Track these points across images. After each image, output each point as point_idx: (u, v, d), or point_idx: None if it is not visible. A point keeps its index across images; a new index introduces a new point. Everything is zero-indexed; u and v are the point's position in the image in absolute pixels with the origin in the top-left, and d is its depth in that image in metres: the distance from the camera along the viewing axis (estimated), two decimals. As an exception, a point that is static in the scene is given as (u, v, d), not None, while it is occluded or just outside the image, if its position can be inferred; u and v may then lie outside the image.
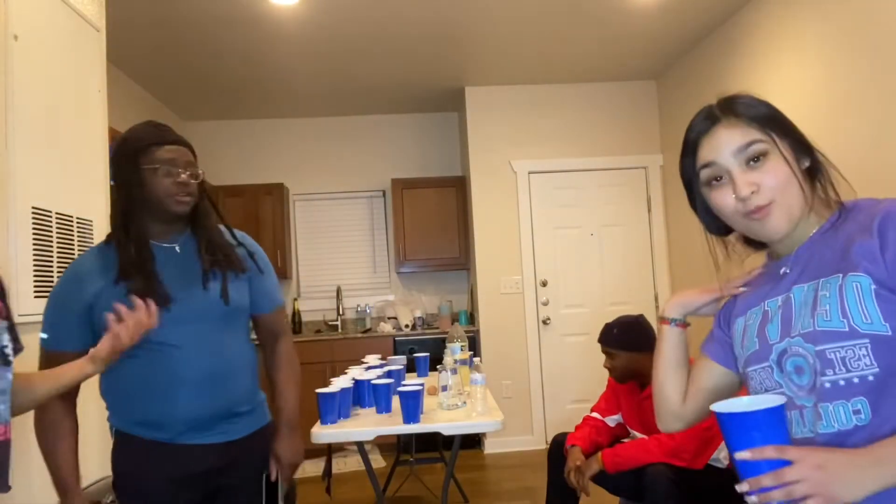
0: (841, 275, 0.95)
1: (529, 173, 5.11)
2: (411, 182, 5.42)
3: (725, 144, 1.02)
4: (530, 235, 5.08)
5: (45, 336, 1.51)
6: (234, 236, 1.70)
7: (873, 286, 0.91)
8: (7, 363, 1.19)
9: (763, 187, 0.99)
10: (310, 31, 3.92)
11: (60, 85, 2.29)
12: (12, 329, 1.23)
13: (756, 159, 1.00)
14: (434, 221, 5.37)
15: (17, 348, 1.24)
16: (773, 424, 0.86)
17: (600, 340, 2.58)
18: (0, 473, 1.18)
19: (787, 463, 0.84)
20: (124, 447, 1.57)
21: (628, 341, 2.50)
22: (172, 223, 1.59)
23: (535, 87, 5.15)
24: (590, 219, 5.15)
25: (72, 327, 1.51)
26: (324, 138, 5.70)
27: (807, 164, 1.03)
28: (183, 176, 1.53)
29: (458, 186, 5.42)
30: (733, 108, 1.03)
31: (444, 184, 5.42)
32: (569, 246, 5.12)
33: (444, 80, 4.96)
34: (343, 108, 5.50)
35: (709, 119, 1.05)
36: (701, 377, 1.20)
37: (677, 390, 1.21)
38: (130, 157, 1.52)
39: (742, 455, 0.86)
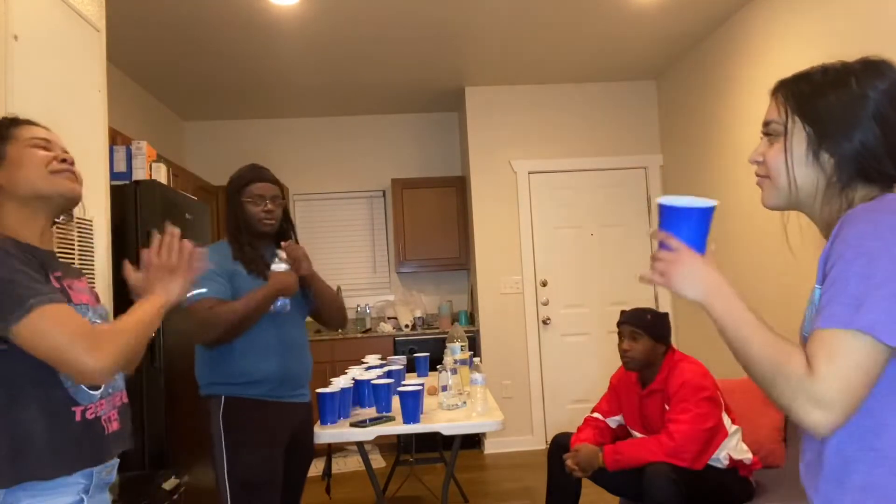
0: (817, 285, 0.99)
1: (529, 173, 5.11)
2: (411, 182, 5.42)
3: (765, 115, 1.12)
4: (530, 235, 5.08)
5: (204, 290, 2.03)
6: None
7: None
8: None
9: (766, 161, 1.07)
10: (310, 31, 3.92)
11: (60, 85, 2.29)
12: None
13: (769, 135, 1.08)
14: (434, 221, 5.37)
15: None
16: (692, 223, 1.05)
17: (628, 321, 2.54)
18: (125, 433, 1.38)
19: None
20: (235, 409, 2.08)
21: (658, 329, 2.51)
22: (263, 238, 2.22)
23: (535, 87, 5.14)
24: (590, 219, 5.14)
25: (223, 282, 2.09)
26: (324, 138, 5.70)
27: (831, 159, 1.00)
28: (269, 204, 2.17)
29: (458, 186, 5.42)
30: (779, 87, 1.10)
31: (444, 184, 5.42)
32: (569, 246, 5.12)
33: (444, 80, 4.96)
34: (343, 108, 5.50)
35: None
36: None
37: None
38: (236, 191, 2.20)
39: (651, 233, 1.09)
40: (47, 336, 1.15)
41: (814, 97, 1.02)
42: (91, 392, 1.28)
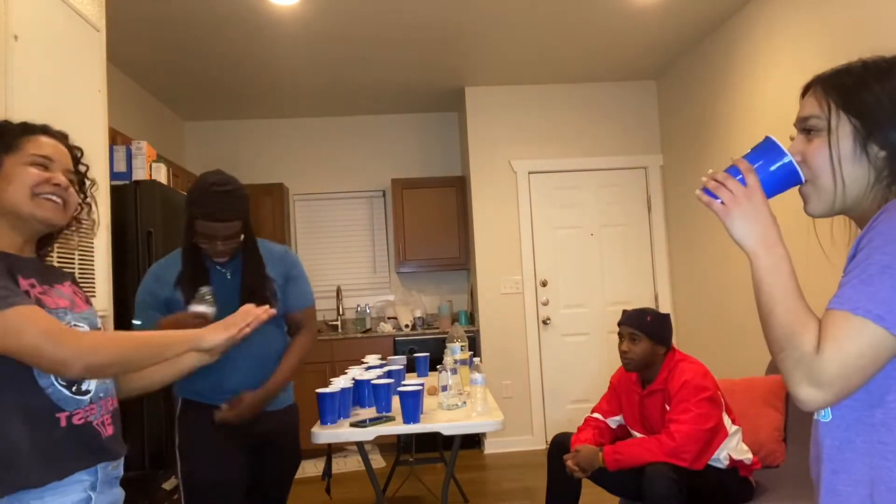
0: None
1: (529, 173, 5.11)
2: (411, 182, 5.42)
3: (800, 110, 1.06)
4: (530, 235, 5.08)
5: (138, 322, 2.00)
6: (265, 270, 2.13)
7: None
8: None
9: (805, 160, 1.02)
10: (310, 31, 3.92)
11: (60, 85, 2.28)
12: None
13: (808, 131, 1.03)
14: (434, 221, 5.37)
15: None
16: (780, 173, 1.01)
17: (627, 322, 2.53)
18: (119, 437, 1.39)
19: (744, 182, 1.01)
20: (189, 411, 2.08)
21: (657, 331, 2.51)
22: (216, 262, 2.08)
23: (535, 87, 5.14)
24: (590, 219, 5.14)
25: (156, 315, 2.02)
26: (324, 138, 5.70)
27: (881, 152, 0.97)
28: (219, 245, 1.99)
29: (458, 186, 5.42)
30: (817, 82, 1.05)
31: (444, 184, 5.42)
32: (569, 246, 5.12)
33: (444, 80, 4.96)
34: (343, 108, 5.50)
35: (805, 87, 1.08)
36: None
37: None
38: (188, 216, 1.99)
39: (735, 159, 1.04)
40: (20, 333, 1.16)
41: (859, 89, 0.99)
42: (78, 397, 1.28)
